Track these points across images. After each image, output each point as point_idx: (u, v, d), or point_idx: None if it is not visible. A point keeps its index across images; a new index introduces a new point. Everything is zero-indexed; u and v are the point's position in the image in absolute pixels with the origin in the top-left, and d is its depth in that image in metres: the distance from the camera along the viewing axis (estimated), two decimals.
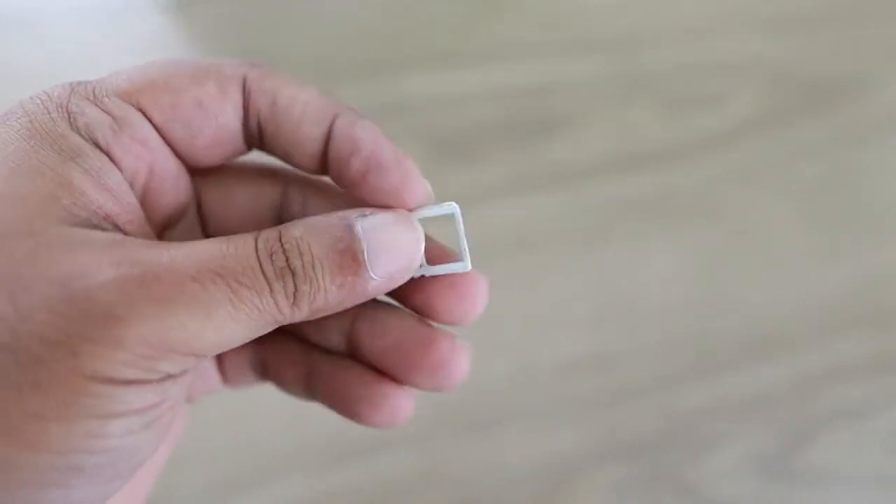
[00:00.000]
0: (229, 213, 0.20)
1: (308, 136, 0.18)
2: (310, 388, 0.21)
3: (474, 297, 0.20)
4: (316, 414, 0.38)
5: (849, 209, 0.46)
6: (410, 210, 0.18)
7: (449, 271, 0.19)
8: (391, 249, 0.17)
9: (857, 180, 0.47)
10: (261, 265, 0.15)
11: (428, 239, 0.19)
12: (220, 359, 0.22)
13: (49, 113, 0.16)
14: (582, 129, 0.47)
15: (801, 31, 0.52)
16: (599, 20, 0.51)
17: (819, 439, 0.39)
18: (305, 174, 0.20)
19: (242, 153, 0.19)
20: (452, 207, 0.18)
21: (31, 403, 0.13)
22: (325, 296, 0.16)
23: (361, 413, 0.20)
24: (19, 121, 0.15)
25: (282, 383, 0.22)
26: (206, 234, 0.20)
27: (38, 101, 0.16)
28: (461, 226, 0.18)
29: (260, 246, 0.16)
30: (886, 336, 0.42)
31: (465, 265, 0.19)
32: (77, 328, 0.14)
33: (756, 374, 0.41)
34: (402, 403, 0.20)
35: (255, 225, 0.20)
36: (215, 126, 0.18)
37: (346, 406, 0.20)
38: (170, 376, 0.15)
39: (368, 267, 0.16)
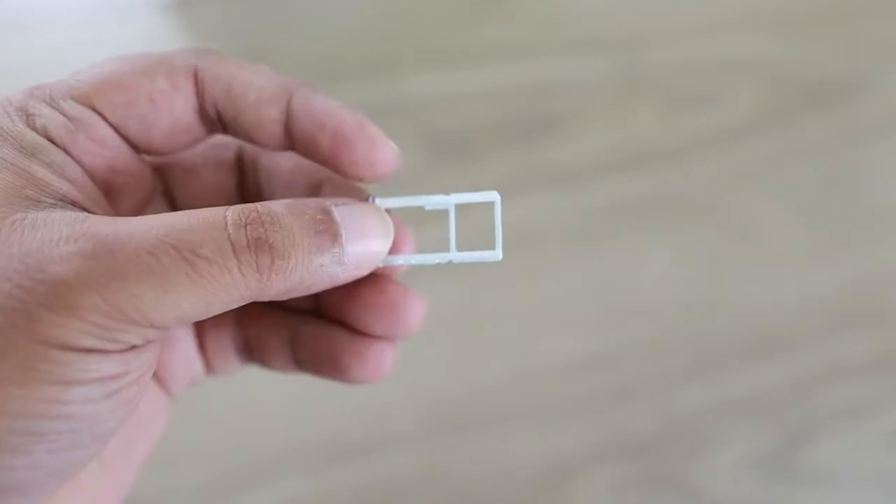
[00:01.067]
0: (195, 190, 0.21)
1: (266, 117, 0.18)
2: (296, 355, 0.21)
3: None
4: (315, 414, 0.39)
5: (849, 209, 0.46)
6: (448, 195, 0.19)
7: (479, 259, 0.19)
8: (365, 236, 0.17)
9: (857, 180, 0.47)
10: (228, 235, 0.15)
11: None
12: (202, 343, 0.22)
13: (9, 116, 0.17)
14: (582, 129, 0.47)
15: (801, 31, 0.52)
16: (599, 20, 0.51)
17: (819, 439, 0.39)
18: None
19: (201, 140, 0.19)
20: (494, 196, 0.18)
21: None
22: (300, 275, 0.16)
23: (349, 368, 0.20)
24: None
25: (267, 359, 0.21)
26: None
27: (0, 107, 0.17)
28: (499, 215, 0.18)
29: (230, 217, 0.15)
30: (886, 336, 0.42)
31: (497, 253, 0.18)
32: (33, 297, 0.14)
33: (756, 374, 0.41)
34: (385, 356, 0.20)
35: (221, 198, 0.21)
36: (169, 119, 0.18)
37: (333, 366, 0.20)
38: (133, 347, 0.15)
39: (342, 252, 0.16)
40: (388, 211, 0.19)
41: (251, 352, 0.22)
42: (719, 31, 0.52)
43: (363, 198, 0.19)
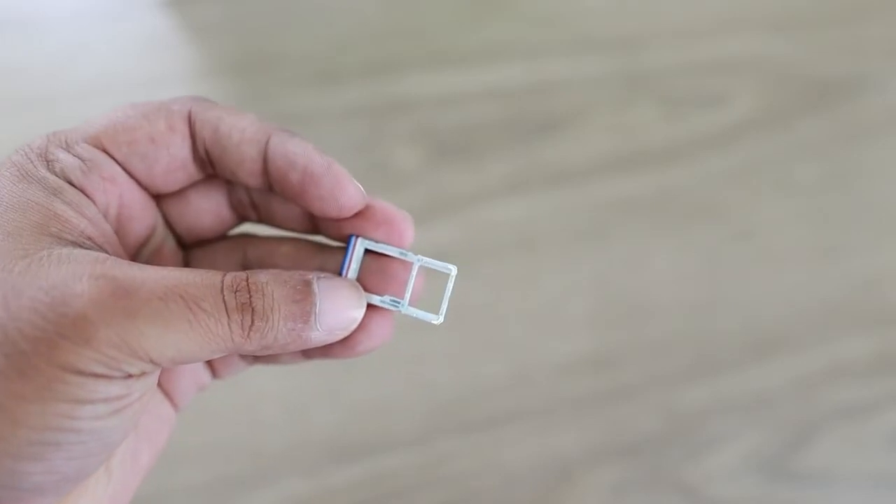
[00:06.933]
0: (190, 218, 0.23)
1: (247, 155, 0.21)
2: None
3: (402, 229, 0.22)
4: (315, 414, 0.39)
5: (849, 209, 0.46)
6: (413, 259, 0.21)
7: (422, 317, 0.21)
8: (338, 309, 0.19)
9: (857, 180, 0.47)
10: (223, 296, 0.18)
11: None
12: None
13: (31, 161, 0.19)
14: (582, 129, 0.47)
15: (801, 31, 0.52)
16: (599, 20, 0.51)
17: (819, 439, 0.39)
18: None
19: (196, 178, 0.22)
20: (452, 269, 0.21)
21: (15, 387, 0.16)
22: (275, 336, 0.18)
23: (353, 339, 0.22)
24: (9, 170, 0.19)
25: (275, 356, 0.23)
26: (176, 237, 0.23)
27: (22, 153, 0.19)
28: (450, 286, 0.21)
29: (227, 281, 0.18)
30: (886, 336, 0.42)
31: (439, 318, 0.21)
32: (55, 327, 0.16)
33: (756, 374, 0.41)
34: (385, 324, 0.22)
35: (216, 220, 0.23)
36: (167, 156, 0.21)
37: (341, 342, 0.22)
38: (131, 375, 0.17)
39: (316, 320, 0.19)
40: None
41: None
42: (720, 30, 0.52)
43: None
